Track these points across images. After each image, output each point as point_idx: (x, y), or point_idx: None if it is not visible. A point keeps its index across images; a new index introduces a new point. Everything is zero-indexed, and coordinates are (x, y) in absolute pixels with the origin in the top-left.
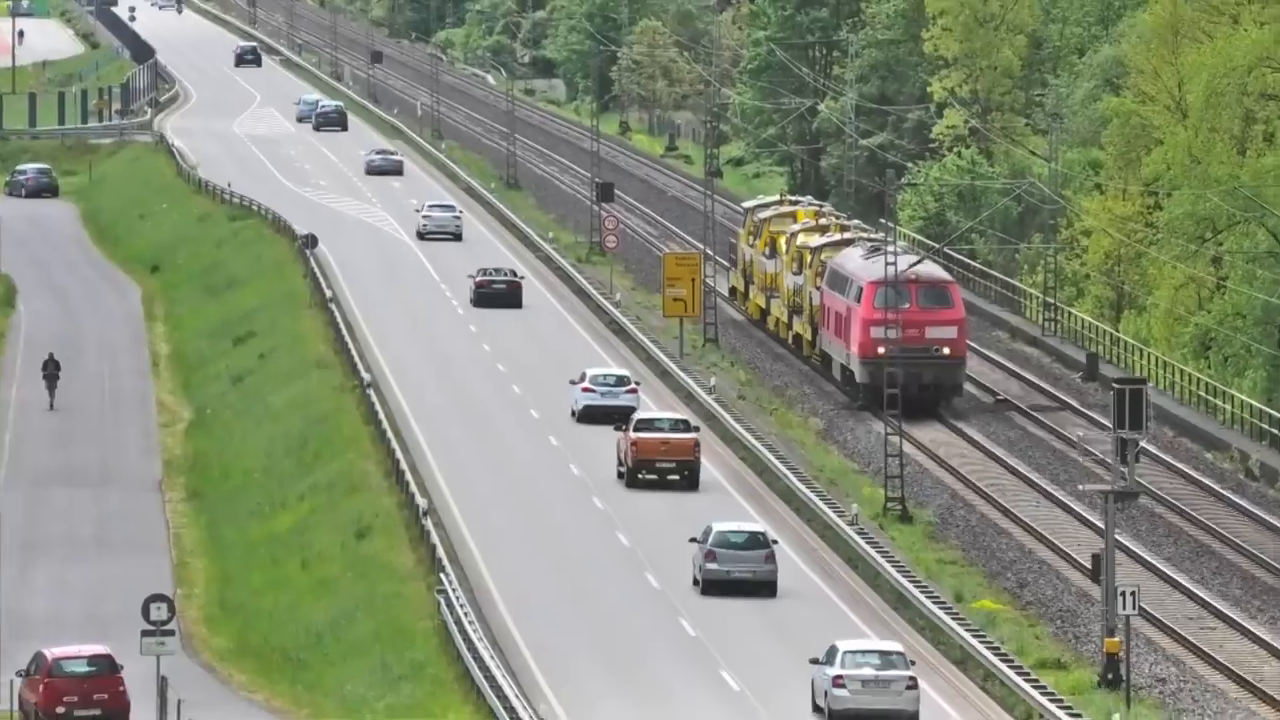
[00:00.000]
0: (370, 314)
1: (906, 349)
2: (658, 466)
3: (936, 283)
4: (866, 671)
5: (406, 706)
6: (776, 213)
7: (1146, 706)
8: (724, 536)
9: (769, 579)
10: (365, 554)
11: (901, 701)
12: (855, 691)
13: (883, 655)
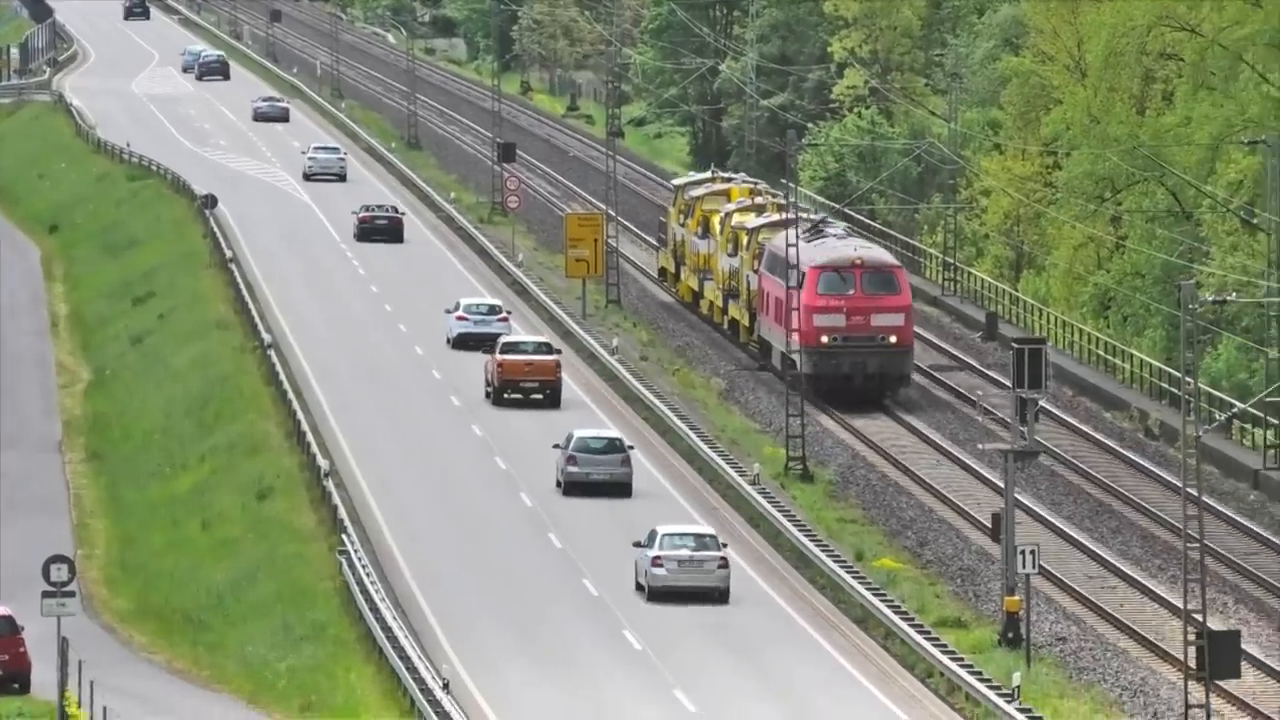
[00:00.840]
0: (271, 274)
1: (851, 337)
2: (522, 386)
3: (882, 267)
4: (683, 553)
5: (308, 667)
6: (709, 190)
7: (1047, 665)
8: (584, 442)
9: (625, 480)
10: (266, 515)
11: (713, 579)
12: (672, 570)
13: (697, 538)
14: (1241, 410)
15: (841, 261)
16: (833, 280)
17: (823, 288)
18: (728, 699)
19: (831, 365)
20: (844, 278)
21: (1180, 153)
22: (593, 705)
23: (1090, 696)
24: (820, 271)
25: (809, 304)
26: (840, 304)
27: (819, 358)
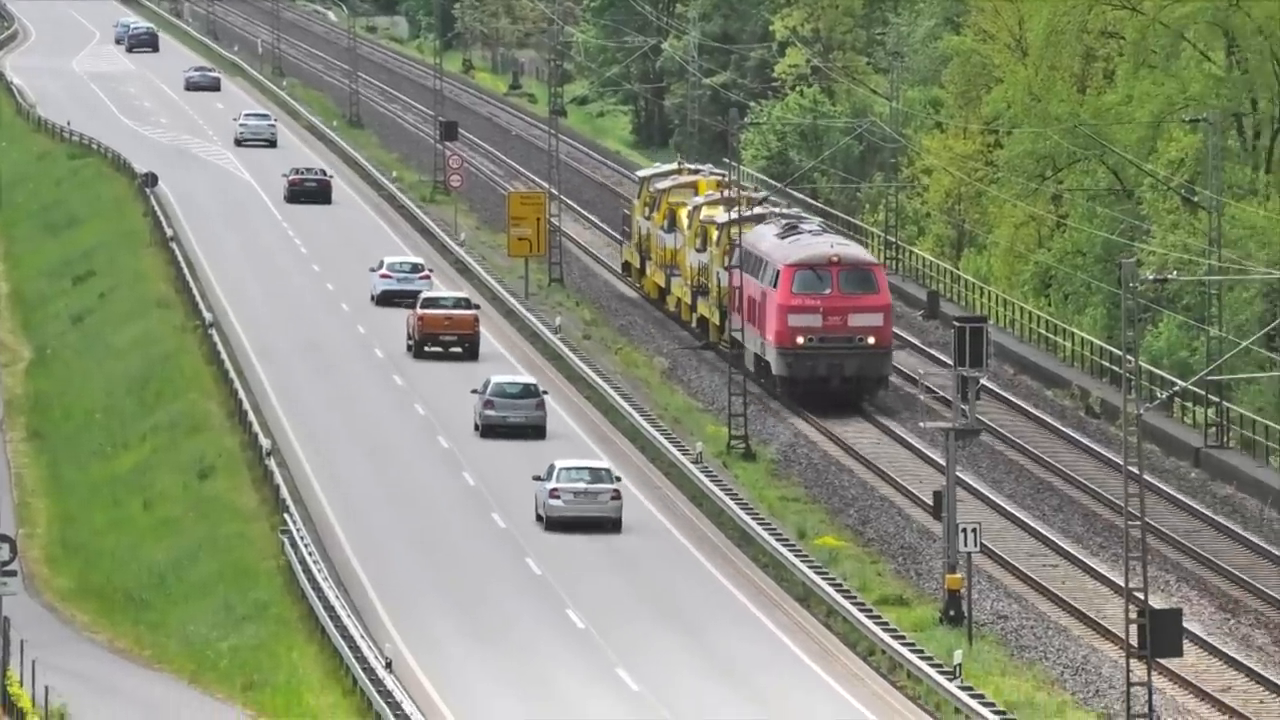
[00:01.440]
0: (212, 253)
1: (828, 338)
2: (441, 339)
3: (860, 265)
4: (579, 485)
5: (251, 647)
6: (676, 183)
7: (988, 643)
8: (500, 387)
9: (539, 423)
10: (208, 494)
11: (606, 510)
12: (568, 502)
13: (592, 471)
14: (1182, 389)
15: (818, 259)
16: (808, 279)
17: (798, 286)
18: (670, 677)
19: (807, 367)
20: (820, 276)
21: (1121, 131)
22: (538, 685)
23: (1032, 674)
24: (795, 269)
25: (783, 303)
26: (817, 303)
27: (794, 359)
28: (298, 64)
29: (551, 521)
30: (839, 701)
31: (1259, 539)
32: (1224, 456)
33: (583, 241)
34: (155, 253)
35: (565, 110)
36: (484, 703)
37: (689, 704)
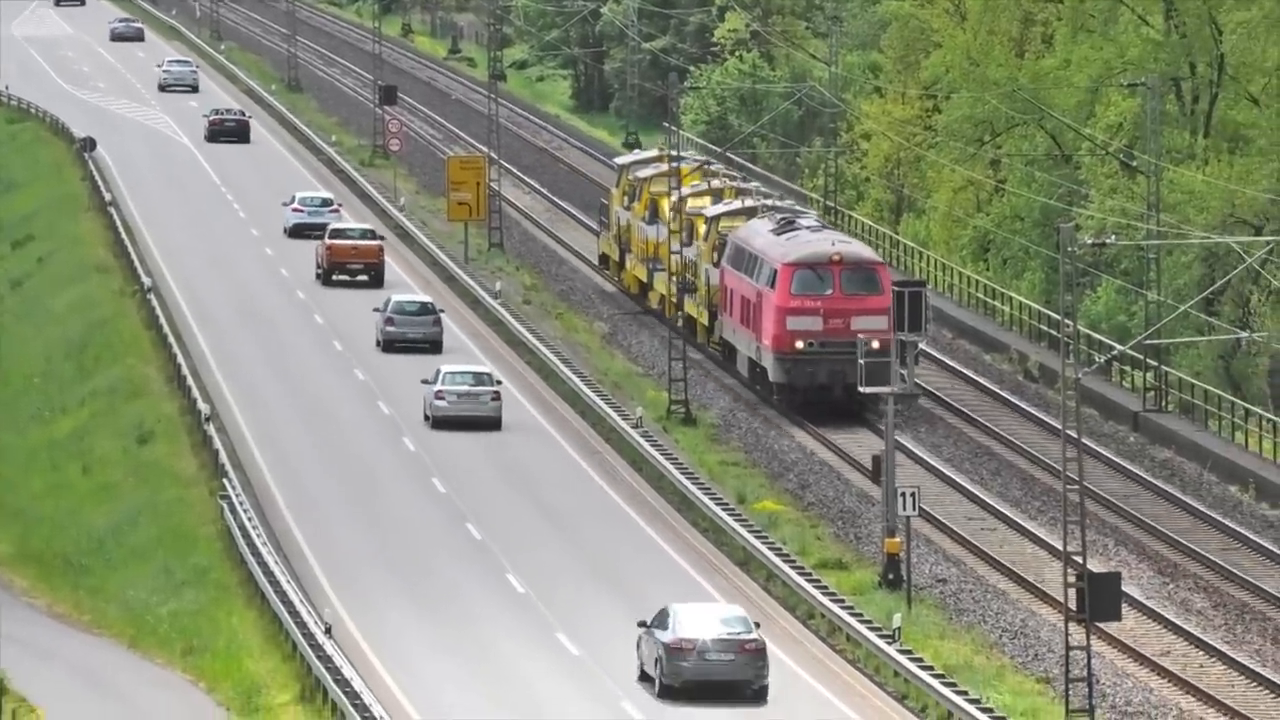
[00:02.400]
0: (151, 218)
1: (829, 342)
2: (348, 268)
3: (863, 264)
4: (462, 388)
5: (190, 612)
6: (657, 171)
7: (927, 606)
8: (400, 305)
9: (436, 339)
10: (147, 459)
11: (487, 410)
12: (452, 403)
13: (475, 375)
14: (1121, 353)
15: (818, 258)
16: (808, 279)
17: (797, 287)
18: (609, 642)
19: (807, 374)
20: (821, 276)
21: (1059, 95)
22: (479, 650)
23: (970, 638)
24: (794, 269)
25: (781, 305)
26: (817, 305)
27: (793, 365)
28: (236, 28)
29: (437, 420)
30: (779, 665)
31: (1197, 503)
32: (1162, 420)
33: (523, 206)
34: (94, 217)
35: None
36: (423, 666)
37: (629, 669)
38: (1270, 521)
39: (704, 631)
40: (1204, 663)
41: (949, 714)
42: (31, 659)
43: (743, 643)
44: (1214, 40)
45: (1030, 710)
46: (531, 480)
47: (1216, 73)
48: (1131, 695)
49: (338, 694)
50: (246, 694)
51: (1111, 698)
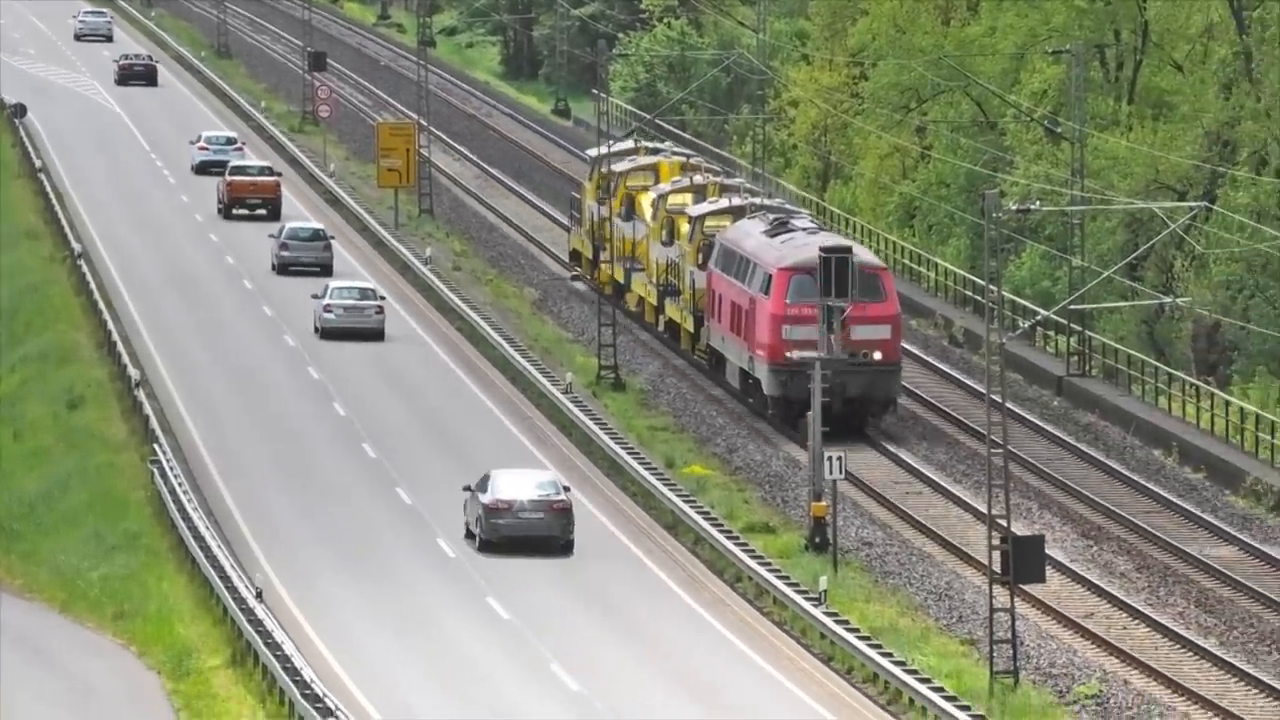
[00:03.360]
0: (81, 184)
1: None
2: (247, 202)
3: (865, 269)
4: (348, 301)
5: (121, 576)
6: (634, 165)
7: (853, 569)
8: (293, 230)
9: (327, 263)
10: (78, 424)
11: (371, 322)
12: (339, 315)
13: (360, 290)
14: (1045, 318)
15: (816, 263)
16: (806, 285)
17: (793, 294)
18: (540, 607)
19: (804, 387)
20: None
21: (985, 63)
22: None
23: (896, 600)
24: (791, 274)
25: (776, 313)
26: (815, 313)
27: (789, 377)
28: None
29: (325, 332)
30: (706, 628)
31: (1121, 466)
32: (1086, 385)
33: (452, 173)
34: (24, 184)
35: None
36: (353, 629)
37: (560, 634)
38: (1193, 484)
39: (519, 493)
40: (1127, 625)
41: (874, 676)
42: None
43: (552, 502)
44: (1138, 7)
45: (955, 672)
46: (462, 446)
47: (1140, 39)
48: (1055, 657)
49: (269, 657)
50: (178, 658)
51: (1035, 659)
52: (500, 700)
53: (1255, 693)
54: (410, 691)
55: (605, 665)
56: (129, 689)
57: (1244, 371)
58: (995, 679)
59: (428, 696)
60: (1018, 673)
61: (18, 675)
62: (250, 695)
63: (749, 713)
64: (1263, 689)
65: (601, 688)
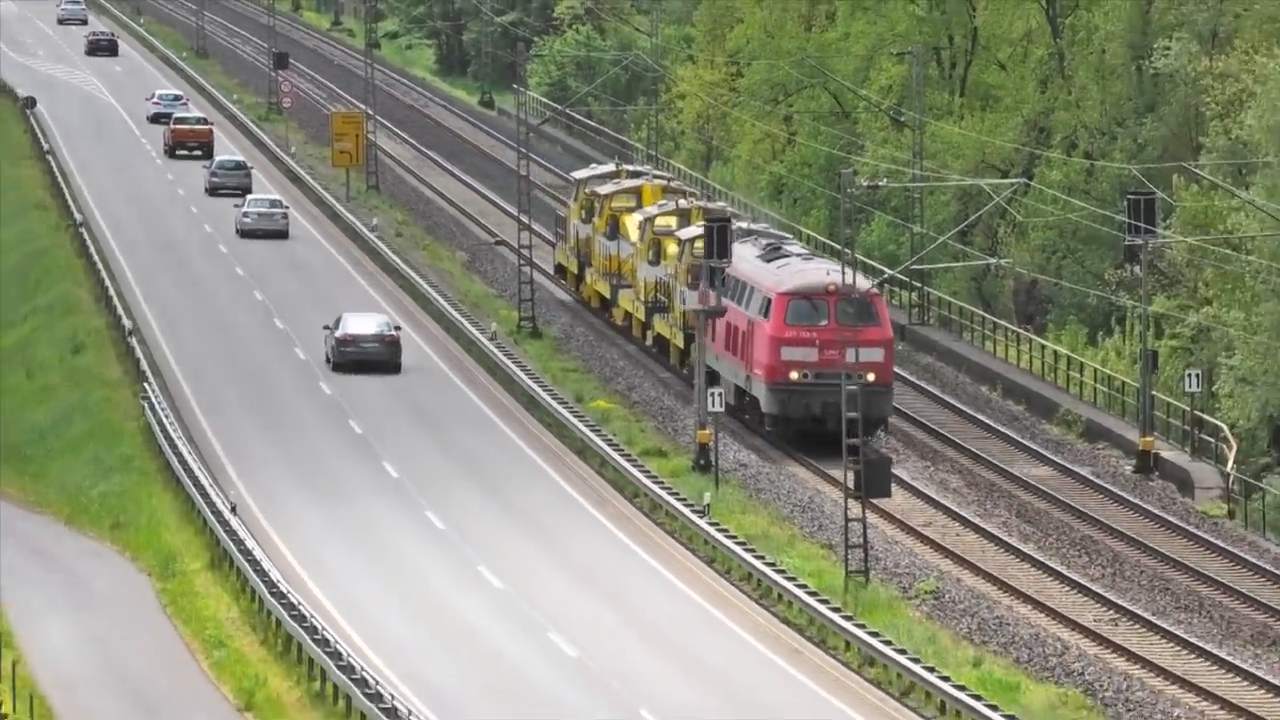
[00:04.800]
0: (82, 165)
1: (824, 373)
2: (187, 145)
3: (859, 295)
4: (261, 209)
5: (117, 493)
6: (618, 188)
7: (731, 486)
8: (221, 162)
9: (248, 186)
10: (80, 366)
11: (278, 224)
12: (254, 219)
13: (270, 201)
14: (891, 276)
15: (814, 288)
16: (803, 309)
17: (792, 317)
18: (472, 519)
19: (801, 405)
20: (816, 306)
21: (841, 62)
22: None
23: (767, 512)
24: (789, 298)
25: (776, 335)
26: (812, 336)
27: (787, 396)
28: (153, 4)
29: (244, 232)
30: (610, 537)
31: (954, 400)
32: (925, 332)
33: (395, 154)
34: (33, 164)
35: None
36: (312, 537)
37: (488, 543)
38: (1014, 415)
39: (362, 329)
40: (960, 532)
41: (749, 575)
42: None
43: (385, 337)
44: (968, 15)
45: (816, 571)
46: (406, 385)
47: (970, 43)
48: (900, 559)
49: (241, 561)
50: (165, 562)
51: (883, 561)
52: (433, 594)
53: (1068, 590)
54: (360, 588)
55: (524, 568)
56: (124, 589)
57: (1057, 320)
58: (850, 577)
59: (375, 592)
60: (868, 572)
61: (29, 578)
62: (226, 594)
63: (643, 606)
64: (1074, 586)
65: (521, 585)
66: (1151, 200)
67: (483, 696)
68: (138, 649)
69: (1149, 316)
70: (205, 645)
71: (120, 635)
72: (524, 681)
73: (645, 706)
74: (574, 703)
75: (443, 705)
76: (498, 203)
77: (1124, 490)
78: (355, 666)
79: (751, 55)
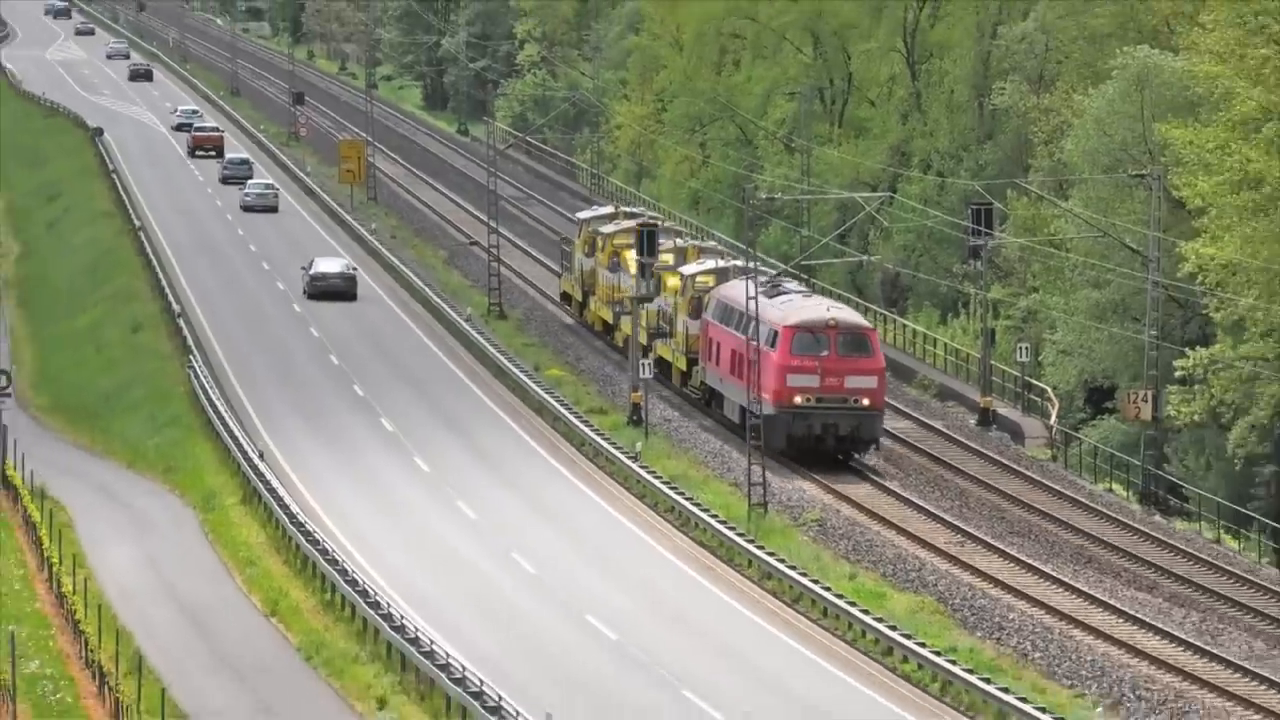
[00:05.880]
0: (140, 181)
1: (824, 398)
2: (204, 147)
3: (856, 329)
4: (259, 190)
5: (169, 444)
6: (619, 228)
7: (658, 437)
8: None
9: (250, 175)
10: (139, 342)
11: (271, 201)
12: (253, 198)
13: (266, 184)
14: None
15: (816, 323)
16: (806, 341)
17: (797, 348)
18: (452, 464)
19: (804, 425)
20: (818, 339)
21: (744, 100)
22: (365, 472)
23: (687, 458)
24: (794, 331)
25: (782, 363)
26: (814, 364)
27: (792, 417)
28: (198, 54)
29: (245, 207)
30: (561, 478)
31: None
32: None
33: (390, 174)
34: (101, 181)
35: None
36: (324, 478)
37: (464, 482)
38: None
39: (328, 268)
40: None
41: (673, 507)
42: (62, 476)
43: (344, 275)
44: (844, 63)
45: (725, 505)
46: (399, 356)
47: (846, 85)
48: (791, 495)
49: (268, 497)
50: (206, 498)
51: (778, 496)
52: (419, 520)
53: (924, 519)
54: (363, 518)
55: (492, 501)
56: (173, 520)
57: (915, 305)
58: (752, 509)
59: (375, 522)
60: (766, 505)
61: (97, 511)
62: (255, 523)
63: (588, 532)
64: (930, 515)
65: (489, 515)
66: (990, 209)
67: (460, 605)
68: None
69: (988, 302)
70: (239, 564)
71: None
72: (493, 592)
73: (589, 613)
74: (532, 609)
75: (428, 611)
76: (472, 211)
77: (969, 439)
78: (358, 580)
79: (673, 94)
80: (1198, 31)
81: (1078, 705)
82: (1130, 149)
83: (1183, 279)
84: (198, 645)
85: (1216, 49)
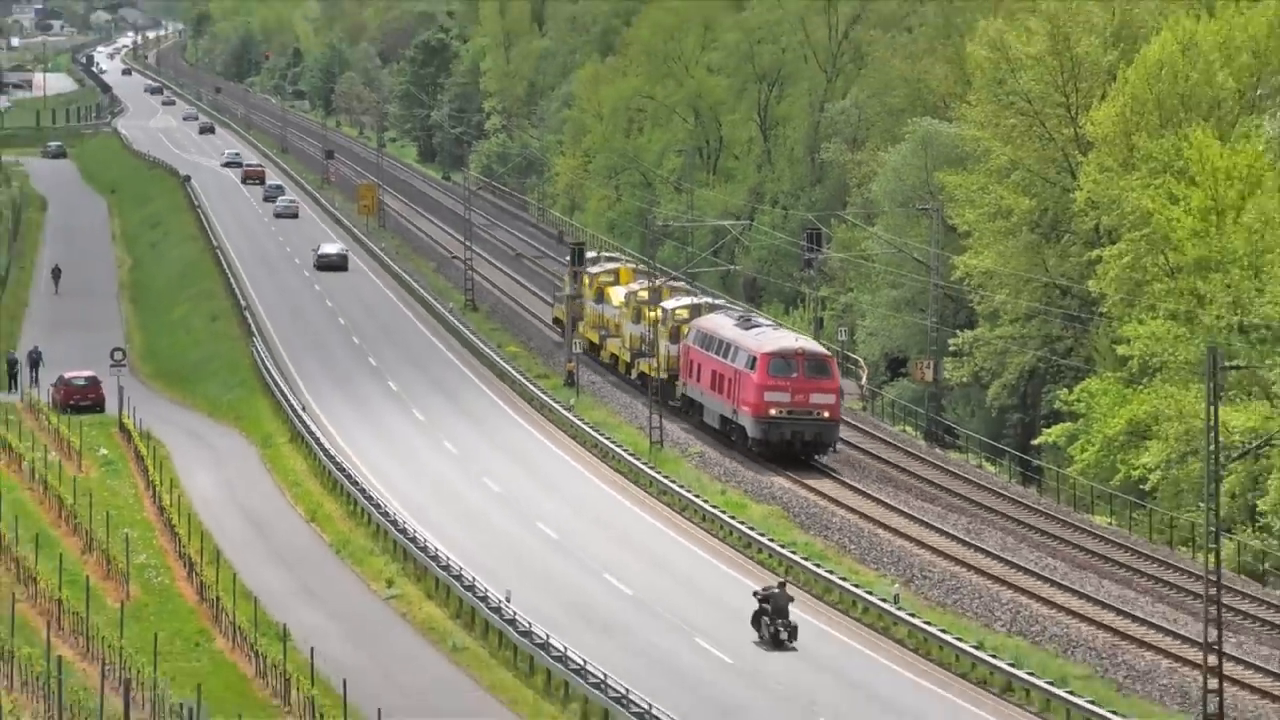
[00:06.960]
0: (218, 214)
1: (794, 411)
2: (250, 176)
3: (819, 357)
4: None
5: (239, 400)
6: (602, 269)
7: (587, 395)
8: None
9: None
10: (217, 329)
11: (292, 209)
12: (281, 209)
13: (290, 199)
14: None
15: (787, 351)
16: (779, 365)
17: (772, 371)
18: (441, 416)
19: (778, 433)
20: (789, 363)
21: (648, 155)
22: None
23: (606, 410)
24: (770, 357)
25: (760, 383)
26: (786, 384)
27: (767, 426)
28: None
29: (277, 214)
30: (517, 425)
31: None
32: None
33: (395, 208)
34: (189, 214)
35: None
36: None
37: (449, 426)
38: None
39: (330, 249)
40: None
41: (596, 444)
42: (163, 424)
43: (339, 254)
44: (717, 129)
45: (632, 441)
46: (401, 338)
47: (719, 144)
48: (680, 436)
49: (309, 438)
50: (265, 438)
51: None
52: (416, 454)
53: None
54: (376, 452)
55: (469, 442)
56: (243, 453)
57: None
58: (652, 446)
59: (389, 461)
60: (663, 442)
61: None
62: (300, 457)
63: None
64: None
65: (467, 451)
66: (819, 233)
67: (446, 514)
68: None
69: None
70: (289, 485)
71: (239, 480)
72: (470, 506)
73: (538, 520)
74: (498, 518)
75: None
76: (453, 234)
77: None
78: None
79: (596, 151)
80: (965, 106)
81: (882, 582)
82: (918, 190)
83: (954, 281)
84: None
85: (979, 119)
